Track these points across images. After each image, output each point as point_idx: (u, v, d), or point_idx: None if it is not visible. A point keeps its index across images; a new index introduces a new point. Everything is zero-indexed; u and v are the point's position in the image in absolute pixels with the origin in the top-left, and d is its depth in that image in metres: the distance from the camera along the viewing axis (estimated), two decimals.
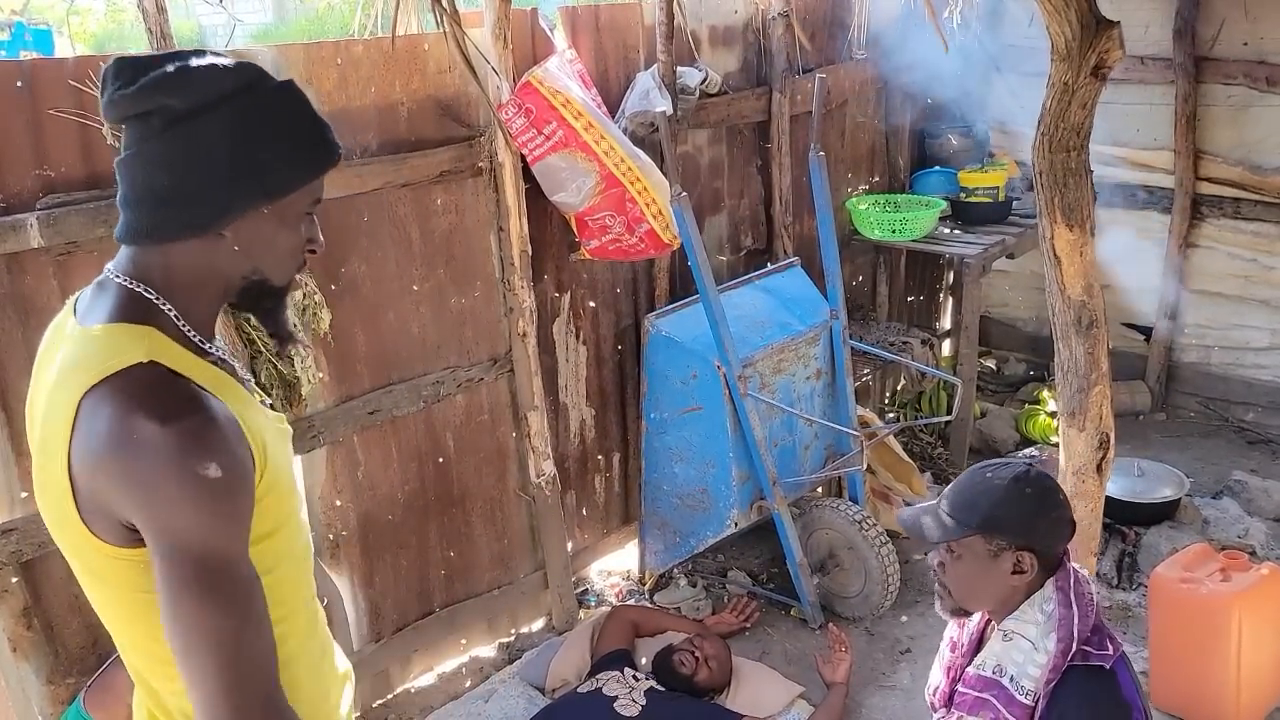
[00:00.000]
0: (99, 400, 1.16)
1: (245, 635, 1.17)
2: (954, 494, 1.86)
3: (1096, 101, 2.08)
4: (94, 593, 1.29)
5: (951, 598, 1.88)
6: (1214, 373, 4.87)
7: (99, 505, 1.17)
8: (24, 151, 2.23)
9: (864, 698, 3.22)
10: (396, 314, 3.00)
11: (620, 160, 3.09)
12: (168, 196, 1.21)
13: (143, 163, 1.21)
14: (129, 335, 1.21)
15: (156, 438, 1.13)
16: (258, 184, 1.23)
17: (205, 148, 1.19)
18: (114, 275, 1.26)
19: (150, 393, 1.16)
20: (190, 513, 1.14)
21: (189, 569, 1.15)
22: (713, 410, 3.37)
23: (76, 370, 1.19)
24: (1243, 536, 3.81)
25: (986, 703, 1.83)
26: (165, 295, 1.25)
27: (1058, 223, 2.14)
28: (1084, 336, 2.19)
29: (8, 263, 2.25)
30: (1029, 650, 1.79)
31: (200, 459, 1.14)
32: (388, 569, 3.14)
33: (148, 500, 1.14)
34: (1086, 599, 1.80)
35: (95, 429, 1.15)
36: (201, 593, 1.15)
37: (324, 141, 1.29)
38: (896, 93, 4.67)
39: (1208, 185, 4.66)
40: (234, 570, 1.18)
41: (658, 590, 3.78)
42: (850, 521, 3.51)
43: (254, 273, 1.30)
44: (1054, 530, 1.82)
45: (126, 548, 1.19)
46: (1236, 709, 2.95)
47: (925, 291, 5.18)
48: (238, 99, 1.21)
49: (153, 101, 1.19)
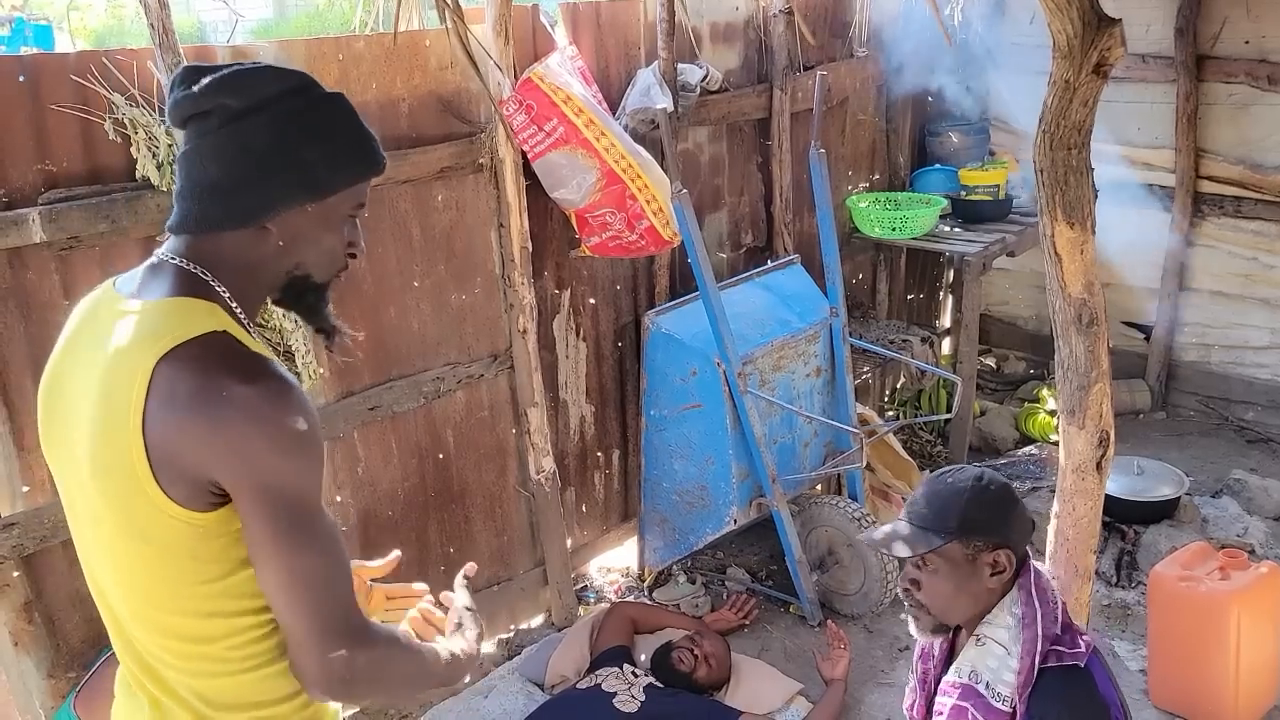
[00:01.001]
0: (178, 364, 1.21)
1: (337, 573, 1.28)
2: (919, 506, 1.84)
3: (1098, 99, 2.07)
4: (133, 564, 1.30)
5: (930, 615, 1.85)
6: (1214, 371, 4.87)
7: (181, 467, 1.22)
8: (26, 146, 2.23)
9: (862, 695, 3.22)
10: (397, 310, 3.01)
11: (621, 157, 3.09)
12: (219, 188, 1.29)
13: (199, 157, 1.29)
14: (197, 308, 1.28)
15: (246, 394, 1.20)
16: (299, 181, 1.30)
17: (254, 143, 1.28)
18: (169, 258, 1.32)
19: (231, 357, 1.24)
20: (284, 462, 1.23)
21: (287, 514, 1.23)
22: (712, 407, 3.38)
23: (147, 337, 1.24)
24: (1242, 535, 3.81)
25: (964, 711, 1.82)
26: (218, 279, 1.32)
27: (1059, 220, 2.14)
28: (1084, 334, 2.19)
29: (9, 258, 2.25)
30: (1002, 655, 1.78)
31: (288, 413, 1.23)
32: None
33: (241, 453, 1.21)
34: (1050, 596, 1.80)
35: (178, 391, 1.20)
36: (300, 536, 1.24)
37: (367, 149, 1.37)
38: (897, 90, 4.67)
39: (1209, 184, 4.66)
40: (320, 515, 1.28)
41: (657, 587, 3.78)
42: (849, 519, 3.51)
43: (297, 268, 1.37)
44: (1022, 525, 1.83)
45: (199, 511, 1.24)
46: (1235, 707, 2.95)
47: (925, 289, 5.19)
48: (288, 101, 1.30)
49: (212, 101, 1.28)
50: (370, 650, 1.30)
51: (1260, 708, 3.02)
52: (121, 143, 2.34)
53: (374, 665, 1.30)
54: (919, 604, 1.84)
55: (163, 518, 1.25)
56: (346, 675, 1.28)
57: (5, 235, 2.20)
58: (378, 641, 1.32)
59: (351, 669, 1.28)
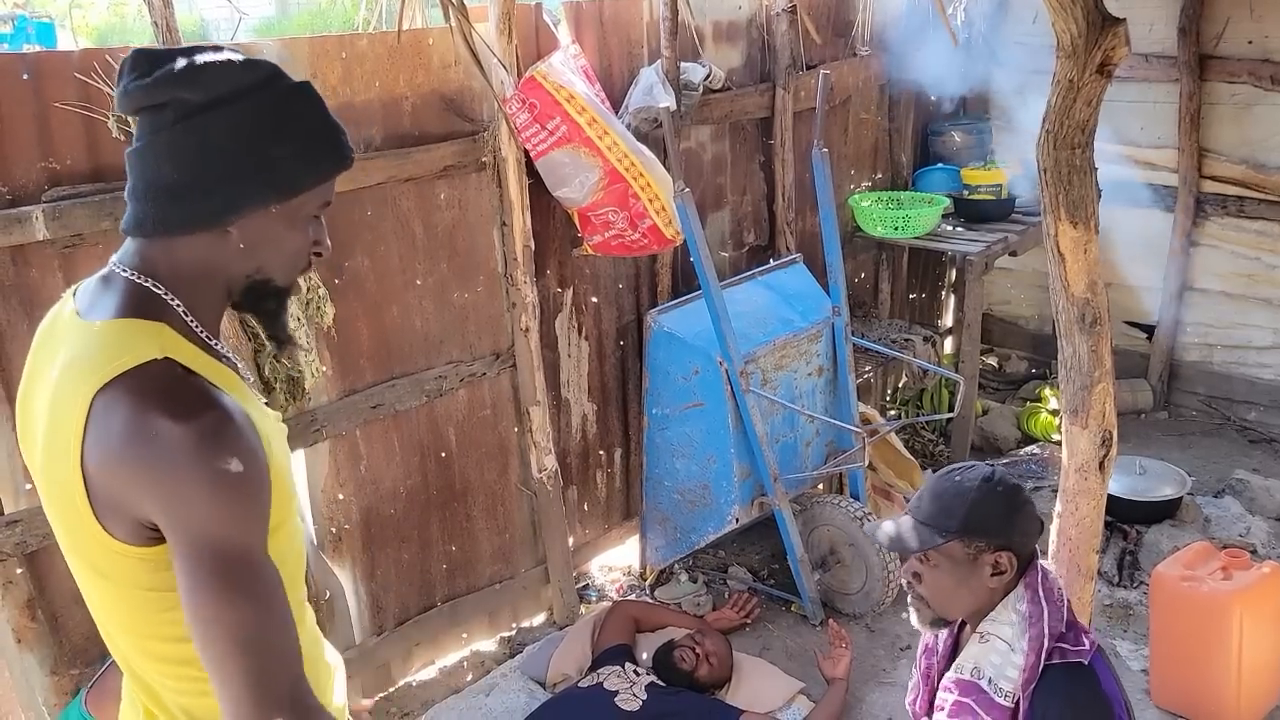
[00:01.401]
0: (114, 398, 1.15)
1: (270, 628, 1.18)
2: (925, 503, 1.84)
3: (1102, 99, 2.07)
4: (98, 592, 1.27)
5: (930, 609, 1.85)
6: (1216, 371, 4.87)
7: (115, 504, 1.16)
8: (29, 144, 2.24)
9: (864, 694, 3.22)
10: (400, 308, 3.01)
11: (623, 156, 3.09)
12: (175, 189, 1.20)
13: (153, 155, 1.21)
14: (141, 331, 1.20)
15: (176, 434, 1.13)
16: (266, 181, 1.22)
17: (215, 141, 1.19)
18: (120, 269, 1.25)
19: (167, 389, 1.16)
20: (213, 508, 1.15)
21: (212, 564, 1.15)
22: (714, 406, 3.38)
23: (86, 367, 1.17)
24: (1244, 535, 3.81)
25: (966, 706, 1.82)
26: (172, 290, 1.24)
27: (1062, 220, 2.14)
28: (1087, 334, 2.19)
29: (13, 255, 2.25)
30: (1005, 651, 1.78)
31: (221, 454, 1.14)
32: (389, 562, 3.15)
33: (170, 497, 1.14)
34: (1056, 595, 1.80)
35: (112, 427, 1.14)
36: (225, 587, 1.15)
37: (336, 144, 1.29)
38: (900, 89, 4.67)
39: (1211, 184, 4.66)
40: (256, 564, 1.18)
41: (659, 586, 3.79)
42: (851, 518, 3.51)
43: (258, 272, 1.29)
44: (1028, 528, 1.82)
45: (140, 546, 1.19)
46: (1237, 707, 2.95)
47: (927, 289, 5.18)
48: (252, 95, 1.21)
49: (167, 94, 1.19)
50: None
51: (1262, 708, 3.02)
52: (124, 140, 2.34)
53: None
54: (920, 596, 1.86)
55: (108, 553, 1.20)
56: None
57: (9, 233, 2.20)
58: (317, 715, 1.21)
59: None
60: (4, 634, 2.39)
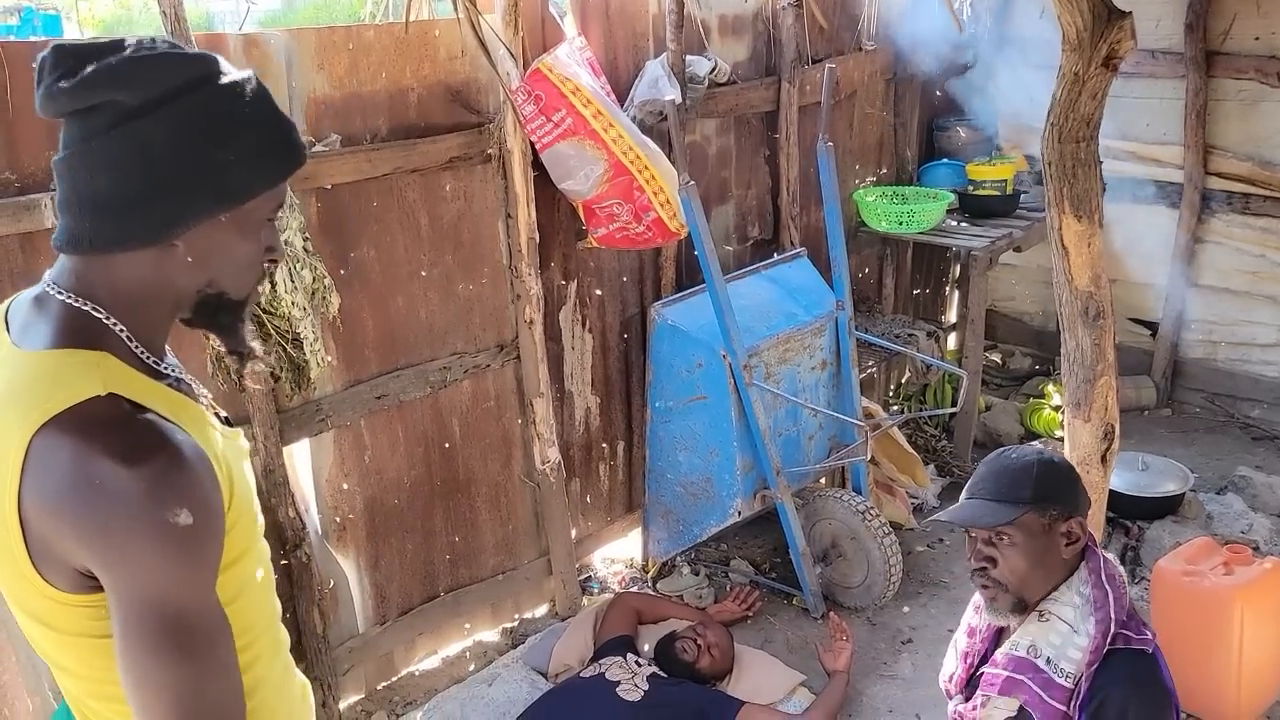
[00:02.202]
0: (53, 439, 1.05)
1: (208, 687, 1.11)
2: (989, 481, 1.86)
3: (1107, 92, 2.08)
4: (37, 637, 1.19)
5: (1008, 593, 1.84)
6: (1220, 368, 4.87)
7: (53, 551, 1.08)
8: (38, 132, 2.24)
9: (865, 686, 3.23)
10: (405, 299, 3.02)
11: (628, 148, 3.10)
12: (113, 202, 1.09)
13: (85, 164, 1.09)
14: (80, 363, 1.10)
15: (123, 483, 1.04)
16: (215, 189, 1.12)
17: (157, 148, 1.08)
18: (55, 291, 1.14)
19: (112, 431, 1.06)
20: (157, 565, 1.06)
21: (148, 622, 1.07)
22: (717, 399, 3.38)
23: (23, 403, 1.07)
24: (1246, 532, 3.81)
25: (1019, 684, 1.82)
26: (113, 312, 1.14)
27: (1066, 213, 2.15)
28: (1091, 327, 2.20)
29: (21, 242, 2.26)
30: (1067, 632, 1.79)
31: (170, 506, 1.05)
32: (393, 552, 3.16)
33: (111, 550, 1.06)
34: (1119, 581, 1.81)
35: (52, 472, 1.05)
36: (162, 648, 1.08)
37: (289, 142, 1.19)
38: (905, 84, 4.67)
39: (1217, 180, 4.66)
40: (198, 620, 1.11)
41: (661, 578, 3.80)
42: (854, 512, 3.52)
43: (209, 285, 1.19)
44: (1086, 498, 1.87)
45: (81, 594, 1.10)
46: (1237, 702, 2.96)
47: (931, 284, 5.19)
48: (194, 94, 1.10)
49: (98, 95, 1.07)
50: None
51: (1262, 703, 3.03)
52: None
53: None
54: (995, 582, 1.84)
55: (49, 602, 1.12)
56: None
57: (18, 220, 2.21)
58: None
59: None
60: (8, 619, 2.40)
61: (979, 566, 1.85)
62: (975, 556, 1.86)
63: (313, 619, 2.90)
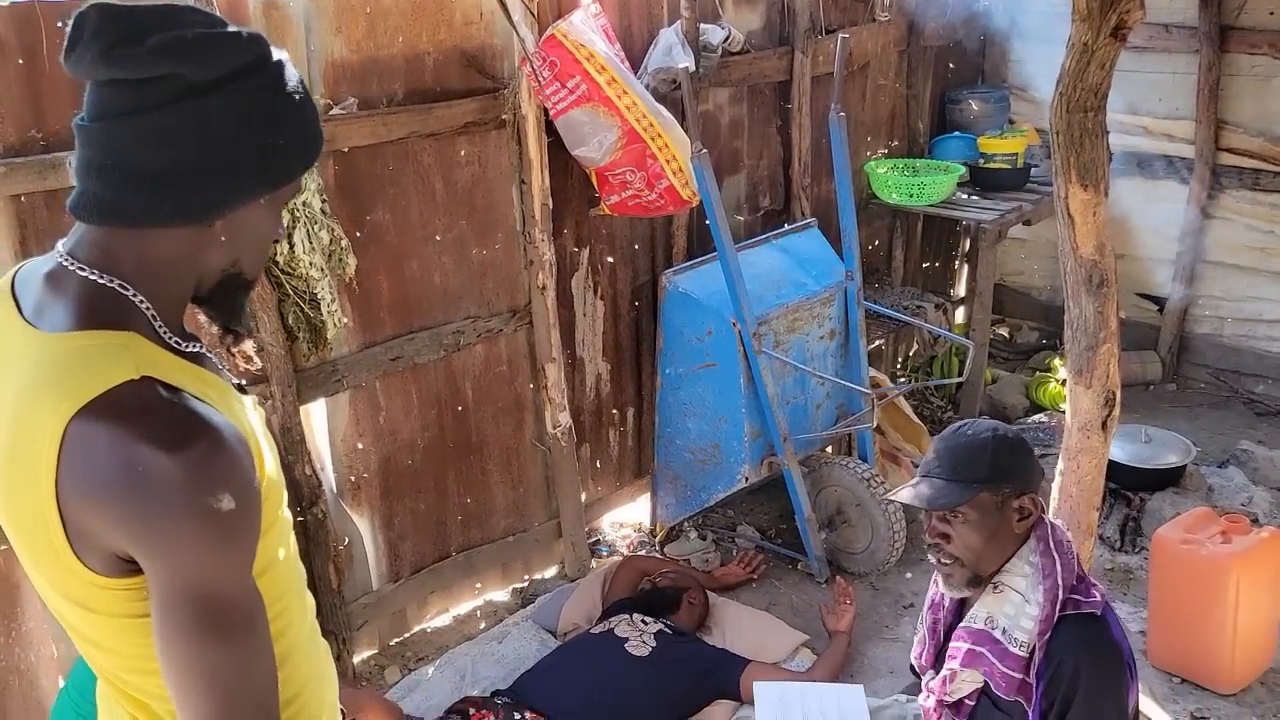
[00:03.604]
0: (89, 427, 1.03)
1: (245, 671, 1.12)
2: (944, 461, 1.90)
3: (1115, 62, 2.11)
4: (74, 619, 1.17)
5: (963, 568, 1.89)
6: (1226, 344, 4.89)
7: (93, 538, 1.07)
8: (63, 91, 2.29)
9: (867, 649, 3.30)
10: (419, 263, 3.06)
11: (642, 116, 3.13)
12: (166, 176, 1.07)
13: (135, 135, 1.07)
14: (109, 345, 1.08)
15: (165, 470, 1.02)
16: (264, 171, 1.13)
17: (215, 127, 1.08)
18: (72, 264, 1.11)
19: (149, 416, 1.04)
20: (199, 551, 1.06)
21: (190, 608, 1.07)
22: (727, 366, 3.43)
23: (54, 391, 1.05)
24: (1246, 504, 3.85)
25: (979, 656, 1.88)
26: (139, 288, 1.11)
27: (1073, 182, 2.18)
28: (1094, 295, 2.23)
29: (46, 200, 2.31)
30: (1020, 603, 1.84)
31: (213, 491, 1.05)
32: (406, 512, 3.23)
33: (154, 536, 1.05)
34: (1066, 547, 1.86)
35: (90, 460, 1.04)
36: (200, 631, 1.08)
37: (318, 128, 1.20)
38: (919, 56, 4.67)
39: (1228, 156, 4.65)
40: (236, 603, 1.11)
41: (668, 542, 3.86)
42: (859, 479, 3.57)
43: (234, 265, 1.19)
44: (1039, 472, 1.91)
45: (121, 577, 1.10)
46: (1232, 668, 3.01)
47: (942, 257, 5.20)
48: (253, 76, 1.10)
49: (164, 67, 1.05)
50: None
51: (1256, 669, 3.08)
52: None
53: None
54: (951, 558, 1.89)
55: (87, 586, 1.10)
56: None
57: (44, 178, 2.26)
58: None
59: None
60: None
61: (933, 542, 1.90)
62: (930, 533, 1.91)
63: (328, 575, 2.97)
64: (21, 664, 2.52)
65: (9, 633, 2.49)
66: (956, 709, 1.94)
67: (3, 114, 2.23)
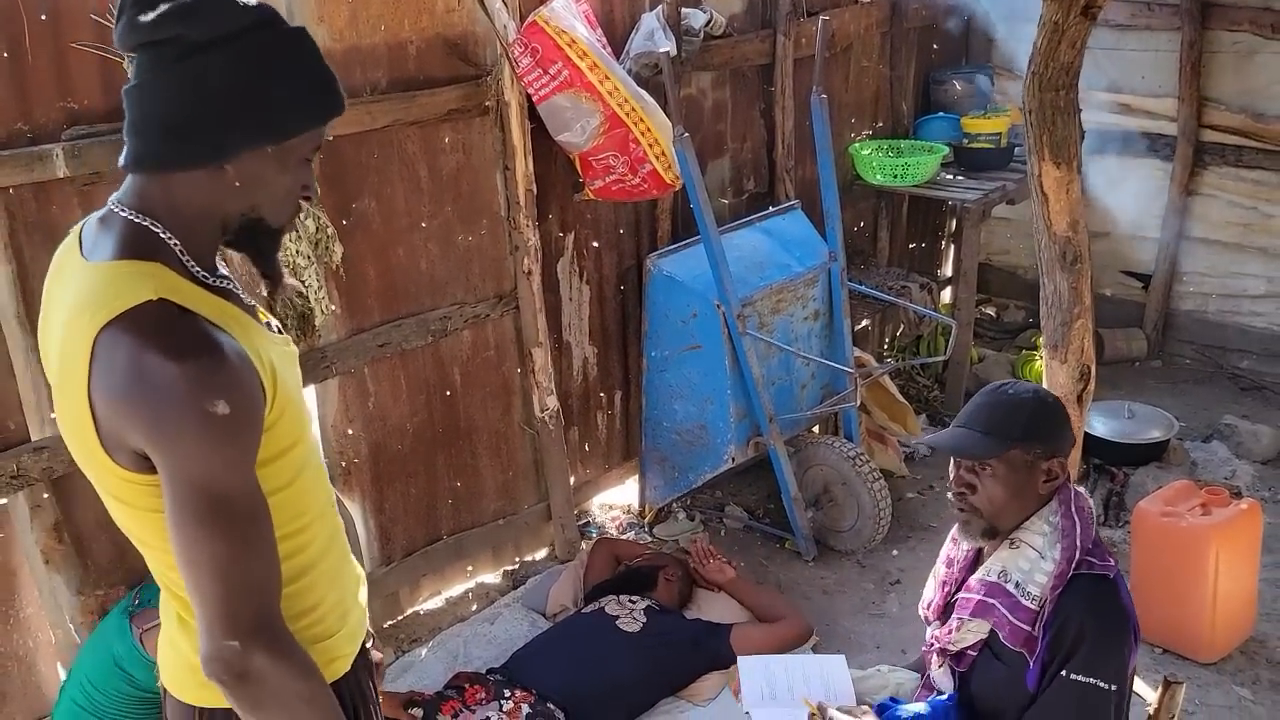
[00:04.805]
0: (113, 338, 1.20)
1: (243, 560, 1.25)
2: (981, 414, 1.94)
3: (1086, 41, 2.13)
4: (117, 513, 1.36)
5: (982, 519, 1.93)
6: (1210, 320, 4.94)
7: (117, 437, 1.24)
8: (48, 84, 2.31)
9: (855, 625, 3.35)
10: (405, 249, 3.09)
11: (624, 101, 3.15)
12: (175, 127, 1.25)
13: (153, 92, 1.25)
14: (137, 272, 1.25)
15: (169, 376, 1.18)
16: (263, 122, 1.27)
17: (216, 80, 1.23)
18: (118, 209, 1.30)
19: (161, 331, 1.21)
20: (198, 447, 1.21)
21: (193, 499, 1.22)
22: (712, 348, 3.47)
23: (89, 308, 1.23)
24: (1229, 478, 3.91)
25: (990, 607, 1.92)
26: (168, 227, 1.29)
27: (1045, 160, 2.21)
28: (1068, 271, 2.27)
29: (35, 192, 2.34)
30: (1035, 559, 1.89)
31: (210, 396, 1.20)
32: (397, 496, 3.27)
33: (159, 435, 1.21)
34: (1086, 513, 1.91)
35: (112, 367, 1.20)
36: (203, 521, 1.23)
37: (331, 90, 1.33)
38: (902, 37, 4.69)
39: (1210, 133, 4.69)
40: (236, 500, 1.25)
41: (657, 524, 3.91)
42: (844, 458, 3.61)
43: (252, 210, 1.34)
44: (1071, 439, 1.96)
45: (142, 473, 1.26)
46: (1212, 638, 3.07)
47: (927, 238, 5.24)
48: (253, 35, 1.25)
49: (169, 30, 1.22)
50: (272, 654, 1.27)
51: (1235, 639, 3.14)
52: None
53: (276, 671, 1.27)
54: (972, 508, 1.93)
55: (118, 480, 1.28)
56: (239, 669, 1.25)
57: (30, 170, 2.29)
58: (283, 651, 1.29)
59: (245, 664, 1.25)
60: (33, 555, 2.51)
61: (959, 491, 1.94)
62: (956, 481, 1.95)
63: None
64: (20, 650, 2.56)
65: (7, 619, 2.53)
66: (958, 659, 1.98)
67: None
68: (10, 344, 2.38)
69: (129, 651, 2.35)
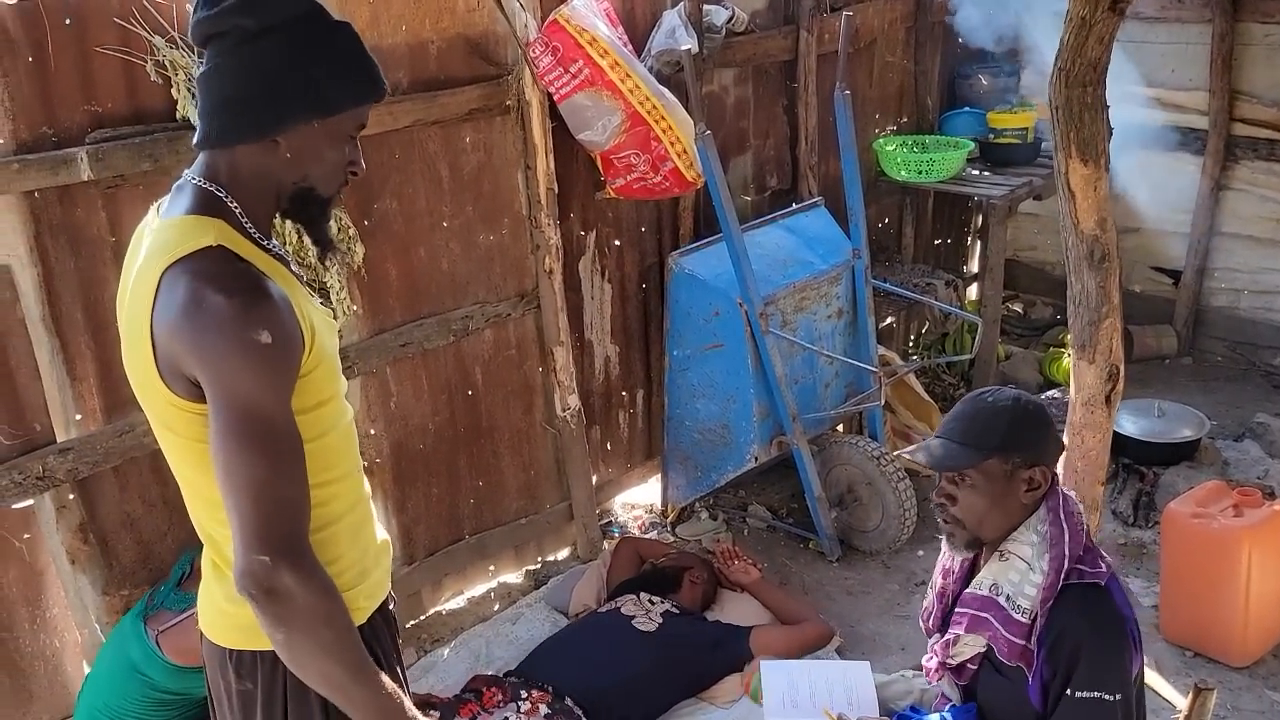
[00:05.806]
0: (175, 276, 1.38)
1: (277, 480, 1.38)
2: (960, 423, 1.91)
3: (1114, 36, 2.09)
4: (167, 444, 1.51)
5: (964, 530, 1.91)
6: (1242, 317, 4.85)
7: (173, 364, 1.39)
8: (73, 88, 2.32)
9: (880, 626, 3.32)
10: (427, 249, 3.09)
11: (645, 99, 3.14)
12: (234, 105, 1.43)
13: (217, 76, 1.43)
14: (201, 224, 1.43)
15: (220, 306, 1.35)
16: (308, 99, 1.43)
17: (267, 62, 1.41)
18: (191, 178, 1.49)
19: (217, 270, 1.38)
20: (241, 371, 1.35)
21: (236, 418, 1.36)
22: (734, 347, 3.44)
23: (158, 252, 1.41)
24: (1262, 477, 3.83)
25: (984, 621, 1.90)
26: (230, 193, 1.47)
27: (1073, 157, 2.17)
28: (1096, 270, 2.23)
29: (59, 195, 2.35)
30: (1024, 570, 1.86)
31: (255, 326, 1.35)
32: (419, 496, 3.27)
33: (209, 359, 1.36)
34: (1075, 519, 1.87)
35: (172, 299, 1.37)
36: (242, 439, 1.36)
37: (371, 75, 1.50)
38: (926, 32, 4.64)
39: (1242, 127, 4.60)
40: (274, 424, 1.38)
41: (680, 523, 3.89)
42: (869, 458, 3.58)
43: (304, 180, 1.50)
44: (1056, 445, 1.91)
45: (193, 401, 1.40)
46: (1244, 641, 3.02)
47: (953, 234, 5.18)
48: (300, 24, 1.43)
49: (230, 22, 1.40)
50: (297, 571, 1.37)
51: (1268, 641, 3.08)
52: (163, 84, 2.42)
53: (300, 588, 1.37)
54: (954, 519, 1.91)
55: (171, 408, 1.43)
56: (267, 583, 1.36)
57: (55, 173, 2.30)
58: (308, 570, 1.39)
59: (273, 579, 1.36)
60: (59, 556, 2.53)
61: (939, 501, 1.93)
62: (938, 493, 1.93)
63: None
64: (47, 649, 2.59)
65: (34, 619, 2.55)
66: (958, 672, 1.96)
67: (14, 111, 2.26)
68: (36, 346, 2.39)
69: (146, 654, 2.36)
